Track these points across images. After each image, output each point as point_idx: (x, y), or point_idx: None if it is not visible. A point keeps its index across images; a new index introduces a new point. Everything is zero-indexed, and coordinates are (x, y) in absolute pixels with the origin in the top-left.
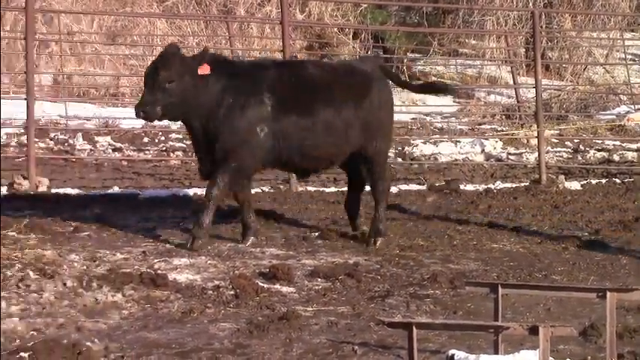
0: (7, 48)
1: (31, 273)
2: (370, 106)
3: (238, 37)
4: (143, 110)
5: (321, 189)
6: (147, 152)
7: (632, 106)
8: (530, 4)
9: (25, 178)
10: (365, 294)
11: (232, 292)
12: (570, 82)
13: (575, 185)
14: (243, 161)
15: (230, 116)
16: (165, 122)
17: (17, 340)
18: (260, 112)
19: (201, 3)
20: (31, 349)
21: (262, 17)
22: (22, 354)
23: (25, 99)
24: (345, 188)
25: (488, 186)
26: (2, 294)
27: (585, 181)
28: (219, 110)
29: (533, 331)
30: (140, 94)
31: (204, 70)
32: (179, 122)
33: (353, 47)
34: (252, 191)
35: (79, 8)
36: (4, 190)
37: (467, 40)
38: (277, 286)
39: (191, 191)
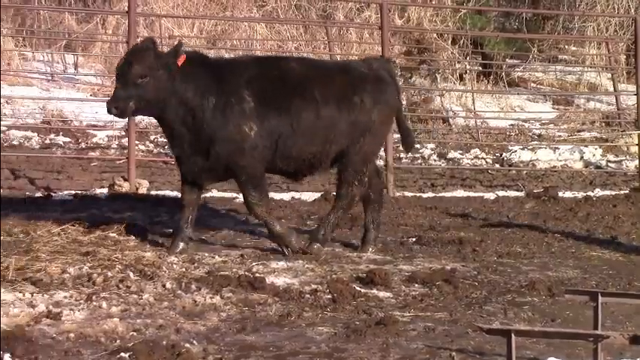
0: (109, 51)
1: (131, 274)
2: (359, 106)
3: (337, 41)
4: (116, 106)
5: (418, 194)
6: None
7: None
8: (632, 11)
9: (125, 180)
10: (462, 300)
11: (329, 297)
12: None
13: None
14: (250, 165)
15: (218, 120)
16: None
17: (117, 341)
18: (244, 110)
19: (301, 7)
20: (131, 350)
21: (361, 22)
22: (122, 354)
23: None
24: (445, 193)
25: (587, 193)
26: (103, 294)
27: None
28: (203, 111)
29: (635, 340)
30: None
31: (181, 60)
32: None
33: (452, 53)
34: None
35: (180, 12)
36: (105, 191)
37: (567, 47)
38: (374, 291)
39: (288, 195)
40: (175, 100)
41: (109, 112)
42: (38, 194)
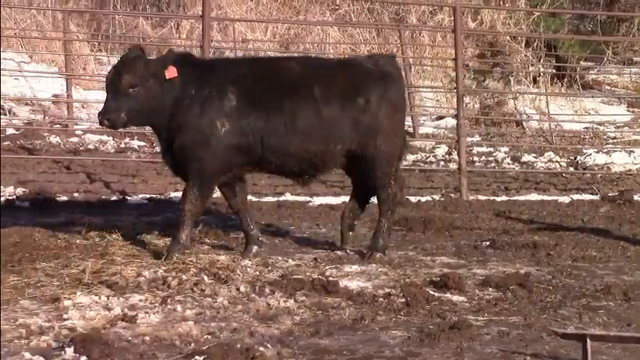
0: None
1: (205, 277)
2: (364, 104)
3: (410, 45)
4: (107, 118)
5: (492, 198)
6: None
7: None
8: None
9: None
10: (537, 304)
11: (403, 300)
12: None
13: None
14: (204, 163)
15: (189, 114)
16: None
17: (192, 344)
18: (221, 107)
19: (374, 11)
20: (205, 353)
21: (434, 25)
22: (197, 357)
23: None
24: (519, 197)
25: None
26: (178, 298)
27: None
28: (180, 112)
29: None
30: None
31: (172, 73)
32: None
33: (525, 55)
34: (422, 199)
35: (254, 16)
36: (180, 194)
37: None
38: (448, 294)
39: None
40: (166, 107)
41: (101, 123)
42: (114, 198)
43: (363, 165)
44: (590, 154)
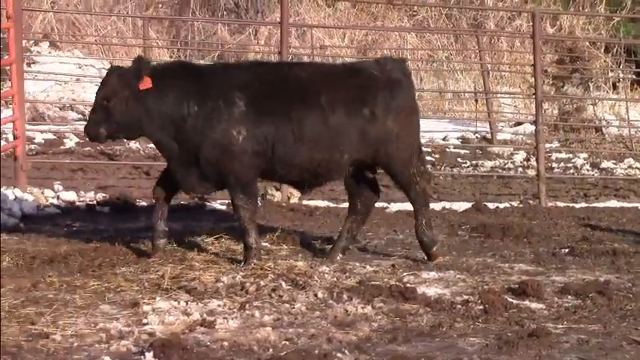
0: None
1: (283, 283)
2: (371, 110)
3: (488, 50)
4: (87, 132)
5: (571, 204)
6: None
7: None
8: None
9: (277, 189)
10: (616, 312)
11: (481, 307)
12: None
13: None
14: (236, 171)
15: (204, 125)
16: None
17: (270, 350)
18: (233, 115)
19: (451, 17)
20: (283, 359)
21: (512, 31)
22: None
23: None
24: (598, 204)
25: None
26: (256, 303)
27: None
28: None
29: None
30: None
31: (146, 84)
32: None
33: (605, 61)
34: (500, 206)
35: (332, 22)
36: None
37: None
38: (526, 302)
39: (438, 205)
40: (154, 116)
41: (86, 137)
42: (192, 203)
43: (385, 170)
44: None
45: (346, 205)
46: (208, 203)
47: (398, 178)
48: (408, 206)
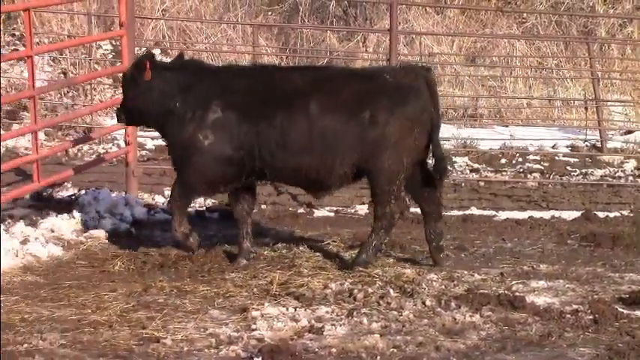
0: None
1: (391, 290)
2: (368, 118)
3: (598, 58)
4: (117, 114)
5: None
6: (504, 173)
7: None
8: None
9: None
10: None
11: (591, 317)
12: None
13: None
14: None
15: (175, 125)
16: (522, 144)
17: (378, 357)
18: (205, 119)
19: (561, 24)
20: None
21: (624, 38)
22: None
23: None
24: None
25: None
26: (364, 310)
27: None
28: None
29: None
30: (498, 115)
31: (147, 75)
32: None
33: None
34: (610, 215)
35: (440, 30)
36: (366, 207)
37: None
38: (637, 312)
39: (548, 214)
40: (156, 109)
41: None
42: (300, 210)
43: (369, 182)
44: None
45: (455, 212)
46: (316, 210)
47: (377, 190)
48: (517, 215)
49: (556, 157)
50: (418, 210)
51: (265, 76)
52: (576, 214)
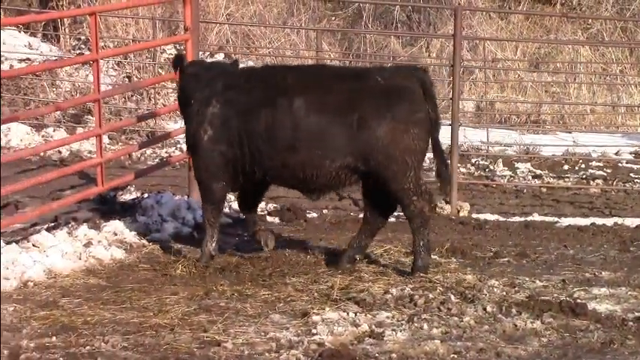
0: (433, 75)
1: (452, 296)
2: (357, 119)
3: None
4: None
5: None
6: (567, 179)
7: None
8: None
9: (447, 202)
10: None
11: None
12: None
13: None
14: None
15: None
16: (585, 150)
17: None
18: (205, 114)
19: (626, 30)
20: None
21: None
22: None
23: (450, 125)
24: None
25: None
26: (424, 316)
27: None
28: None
29: None
30: (561, 122)
31: (176, 76)
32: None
33: None
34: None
35: (504, 35)
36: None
37: None
38: None
39: (610, 220)
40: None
41: None
42: (361, 215)
43: (377, 183)
44: None
45: (517, 218)
46: None
47: (391, 192)
48: (579, 221)
49: (619, 164)
50: (480, 216)
51: (264, 76)
52: (639, 221)
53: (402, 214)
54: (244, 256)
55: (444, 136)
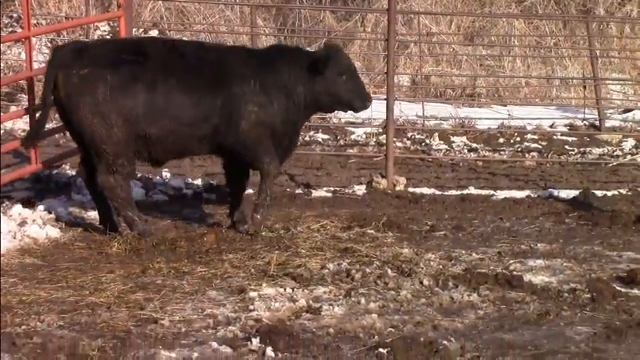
0: (368, 49)
1: (389, 270)
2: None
3: (597, 37)
4: None
5: None
6: (502, 153)
7: None
8: None
9: (383, 176)
10: None
11: (589, 296)
12: None
13: None
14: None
15: None
16: (520, 123)
17: (376, 337)
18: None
19: (560, 2)
20: (389, 346)
21: (622, 16)
22: (380, 350)
23: (385, 99)
24: None
25: None
26: (362, 290)
27: None
28: None
29: None
30: (496, 95)
31: None
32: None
33: None
34: (608, 194)
35: (439, 9)
36: (363, 187)
37: None
38: (635, 290)
39: (546, 193)
40: None
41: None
42: (298, 191)
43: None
44: None
45: (453, 192)
46: (314, 191)
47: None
48: (515, 194)
49: (554, 136)
50: (416, 190)
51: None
52: (574, 192)
53: (340, 188)
54: (181, 233)
55: (380, 110)
